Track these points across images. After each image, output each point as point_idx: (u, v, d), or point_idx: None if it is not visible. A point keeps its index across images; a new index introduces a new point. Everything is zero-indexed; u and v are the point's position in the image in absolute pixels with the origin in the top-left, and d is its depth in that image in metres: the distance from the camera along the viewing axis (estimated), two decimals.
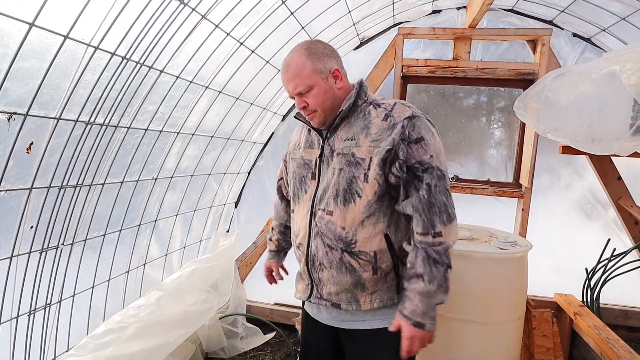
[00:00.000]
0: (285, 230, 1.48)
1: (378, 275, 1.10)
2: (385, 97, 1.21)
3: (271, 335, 2.65)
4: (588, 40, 2.44)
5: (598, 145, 1.61)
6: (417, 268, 1.02)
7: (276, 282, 1.54)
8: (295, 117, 1.25)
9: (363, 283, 1.11)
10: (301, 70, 1.08)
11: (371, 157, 1.06)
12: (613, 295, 2.41)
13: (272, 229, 1.52)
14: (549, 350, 2.13)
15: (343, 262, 1.10)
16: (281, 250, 1.52)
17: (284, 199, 1.46)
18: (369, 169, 1.06)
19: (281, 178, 1.45)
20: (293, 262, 1.36)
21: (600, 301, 2.32)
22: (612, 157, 2.35)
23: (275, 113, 2.82)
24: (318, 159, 1.16)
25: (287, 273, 1.53)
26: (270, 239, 1.52)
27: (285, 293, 2.76)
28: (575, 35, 2.46)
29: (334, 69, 1.12)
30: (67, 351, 1.63)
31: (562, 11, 2.30)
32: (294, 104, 2.90)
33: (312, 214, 1.15)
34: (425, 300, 1.01)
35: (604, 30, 2.27)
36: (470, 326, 1.75)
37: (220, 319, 2.48)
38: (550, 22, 2.49)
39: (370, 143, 1.07)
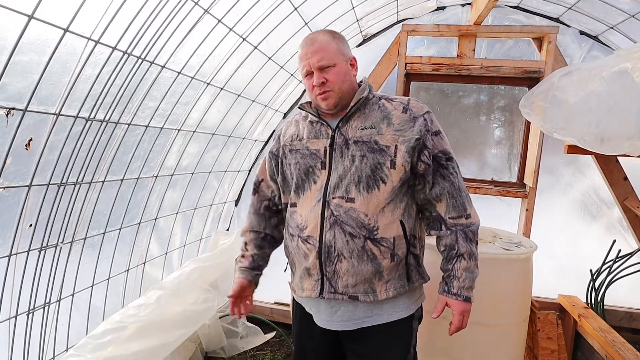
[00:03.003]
0: (262, 244, 1.31)
1: (394, 262, 1.12)
2: (388, 94, 1.24)
3: (271, 334, 2.63)
4: (595, 38, 2.41)
5: (607, 145, 1.58)
6: (459, 248, 1.12)
7: (238, 315, 1.30)
8: (299, 107, 1.22)
9: (381, 271, 1.12)
10: (327, 46, 1.11)
11: (396, 145, 1.10)
12: (617, 296, 2.39)
13: (245, 243, 1.32)
14: (553, 352, 2.11)
15: (365, 250, 1.10)
16: (255, 269, 1.30)
17: (265, 201, 1.31)
18: (395, 155, 1.10)
19: (262, 179, 1.32)
20: (282, 264, 1.28)
21: (605, 303, 2.30)
22: (618, 157, 2.32)
23: (276, 110, 2.79)
24: (328, 148, 1.14)
25: (248, 309, 1.31)
26: (243, 256, 1.31)
27: (285, 292, 2.74)
28: (582, 32, 2.42)
29: (352, 57, 1.18)
30: (66, 351, 1.61)
31: (570, 8, 2.27)
32: (295, 101, 2.88)
33: (325, 203, 1.12)
34: (469, 275, 1.12)
35: (612, 28, 2.23)
36: (474, 328, 1.71)
37: (220, 318, 2.46)
38: (556, 20, 2.45)
39: (395, 132, 1.11)
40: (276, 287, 2.86)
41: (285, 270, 1.32)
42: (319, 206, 1.13)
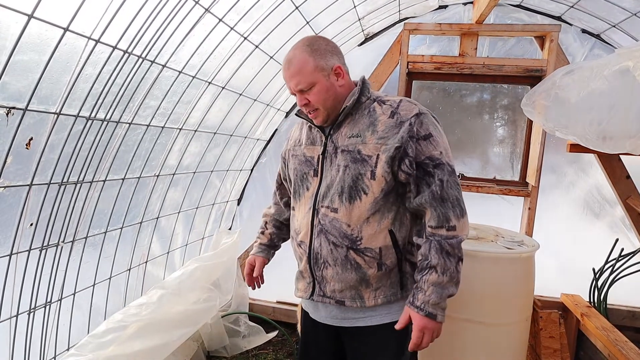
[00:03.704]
0: (280, 225, 1.42)
1: (382, 271, 1.10)
2: (389, 93, 1.20)
3: (273, 334, 2.63)
4: (597, 36, 2.40)
5: (609, 143, 1.57)
6: (430, 260, 1.02)
7: (254, 287, 1.39)
8: (296, 114, 1.23)
9: (368, 280, 1.10)
10: (303, 67, 1.07)
11: (378, 155, 1.06)
12: (620, 295, 2.38)
13: (266, 222, 1.42)
14: (555, 351, 2.10)
15: (348, 259, 1.09)
16: (272, 247, 1.41)
17: (285, 198, 1.41)
18: (376, 166, 1.06)
19: (281, 181, 1.41)
20: (289, 260, 1.33)
21: (608, 302, 2.29)
22: (620, 156, 2.31)
23: (278, 109, 2.79)
24: (321, 156, 1.14)
25: (263, 282, 1.39)
26: (263, 232, 1.41)
27: (287, 291, 2.73)
28: (584, 31, 2.42)
29: (336, 66, 1.11)
30: (67, 350, 1.61)
31: (572, 7, 2.26)
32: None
33: (315, 211, 1.13)
34: (437, 290, 1.01)
35: (614, 26, 2.22)
36: (476, 327, 1.72)
37: (222, 317, 2.46)
38: (558, 18, 2.45)
39: (377, 140, 1.07)
40: (278, 287, 2.86)
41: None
42: (310, 214, 1.14)
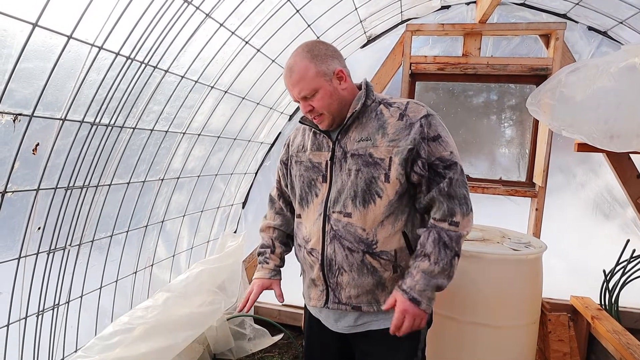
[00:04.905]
0: (287, 241, 1.34)
1: (398, 273, 1.10)
2: (393, 95, 1.20)
3: (279, 336, 2.63)
4: (604, 33, 2.35)
5: (617, 141, 1.54)
6: (426, 248, 1.04)
7: (242, 309, 1.28)
8: (300, 121, 1.22)
9: (384, 283, 1.11)
10: (305, 74, 1.07)
11: (391, 157, 1.06)
12: (632, 298, 2.32)
13: (272, 239, 1.32)
14: (565, 355, 2.06)
15: (364, 264, 1.09)
16: (283, 265, 1.34)
17: (289, 205, 1.35)
18: (389, 168, 1.06)
19: (281, 188, 1.35)
20: (294, 262, 1.32)
21: (619, 304, 2.24)
22: (630, 155, 2.26)
23: (282, 113, 2.80)
24: (329, 162, 1.14)
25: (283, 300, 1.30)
26: (273, 252, 1.30)
27: (293, 294, 2.73)
28: (590, 28, 2.38)
29: (338, 70, 1.10)
30: (75, 352, 1.63)
31: (577, 4, 2.22)
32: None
33: (326, 217, 1.12)
34: (426, 278, 1.02)
35: (621, 23, 2.18)
36: (483, 330, 1.70)
37: (227, 320, 2.47)
38: (564, 16, 2.41)
39: (389, 143, 1.07)
40: (284, 290, 2.86)
41: (300, 275, 1.32)
42: (320, 220, 1.13)
